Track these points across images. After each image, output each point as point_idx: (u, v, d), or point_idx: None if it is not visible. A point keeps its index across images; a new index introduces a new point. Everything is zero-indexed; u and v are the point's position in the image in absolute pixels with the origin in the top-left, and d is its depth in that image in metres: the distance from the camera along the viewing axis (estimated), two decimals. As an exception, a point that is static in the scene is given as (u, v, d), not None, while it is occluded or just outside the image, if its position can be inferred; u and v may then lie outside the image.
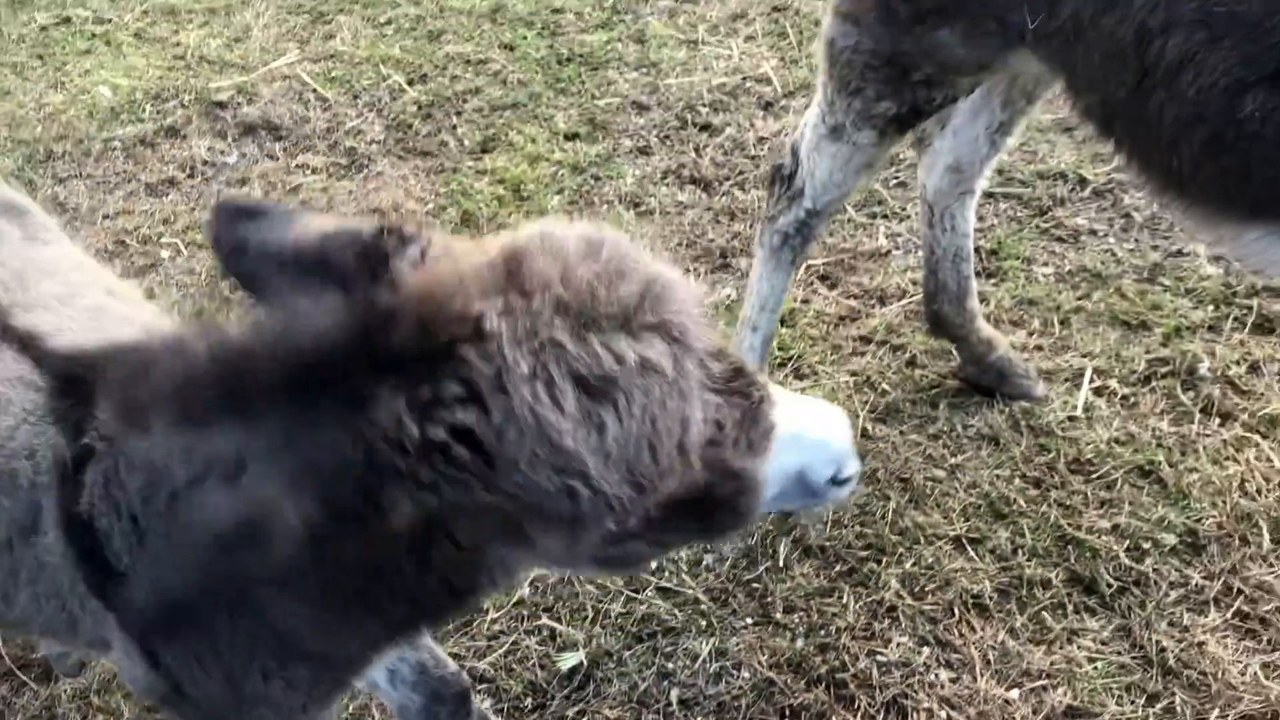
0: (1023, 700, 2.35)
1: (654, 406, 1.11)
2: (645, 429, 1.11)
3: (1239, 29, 1.84)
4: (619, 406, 1.09)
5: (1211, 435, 2.81)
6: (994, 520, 2.69)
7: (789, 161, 2.61)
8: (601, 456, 1.09)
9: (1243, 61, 1.84)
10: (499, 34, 4.58)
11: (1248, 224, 2.02)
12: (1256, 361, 2.97)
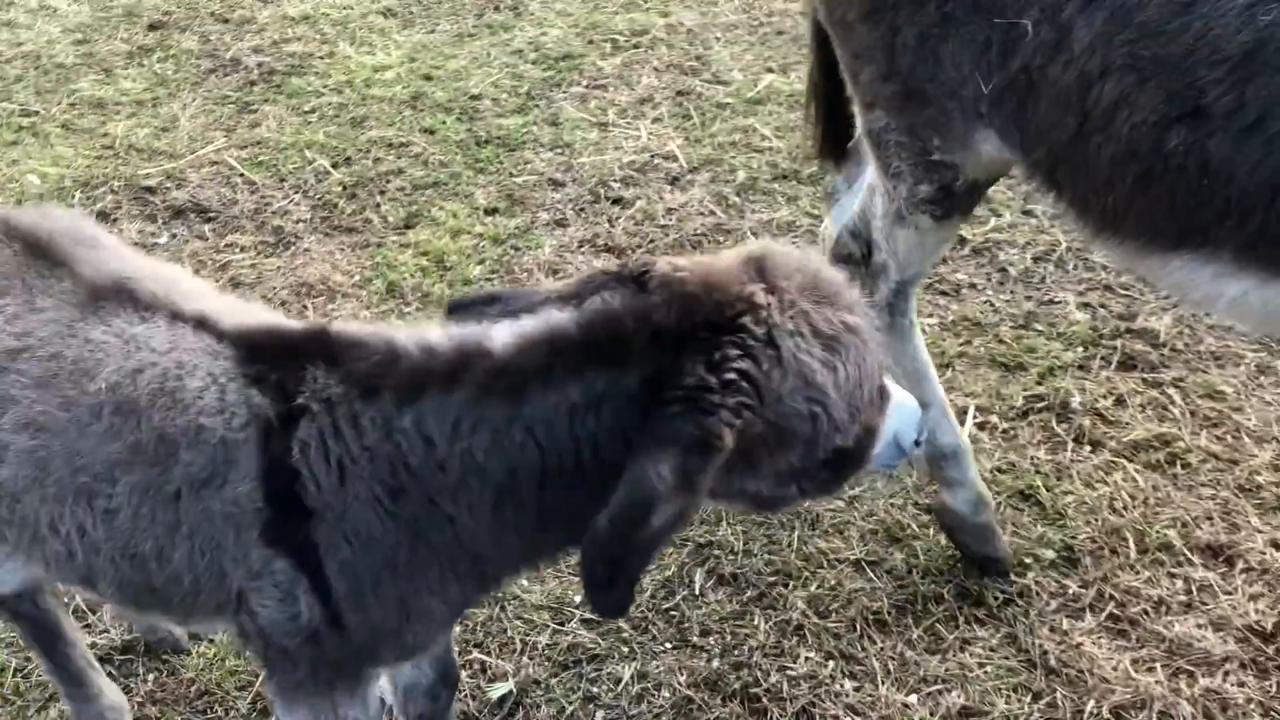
0: (920, 703, 2.55)
1: (861, 358, 1.58)
2: (857, 374, 1.57)
3: (1163, 70, 2.02)
4: (844, 356, 1.56)
5: (1083, 461, 3.09)
6: (890, 544, 2.91)
7: (855, 248, 2.71)
8: (836, 390, 1.55)
9: (1167, 99, 2.02)
10: (420, 119, 4.83)
11: (1172, 254, 2.20)
12: (1121, 395, 3.28)
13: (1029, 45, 2.11)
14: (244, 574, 1.73)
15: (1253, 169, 1.94)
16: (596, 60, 5.15)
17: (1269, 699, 2.51)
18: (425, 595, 1.75)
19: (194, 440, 1.68)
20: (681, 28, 5.35)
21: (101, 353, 1.75)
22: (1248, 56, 1.90)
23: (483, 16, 5.62)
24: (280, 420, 1.66)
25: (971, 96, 2.25)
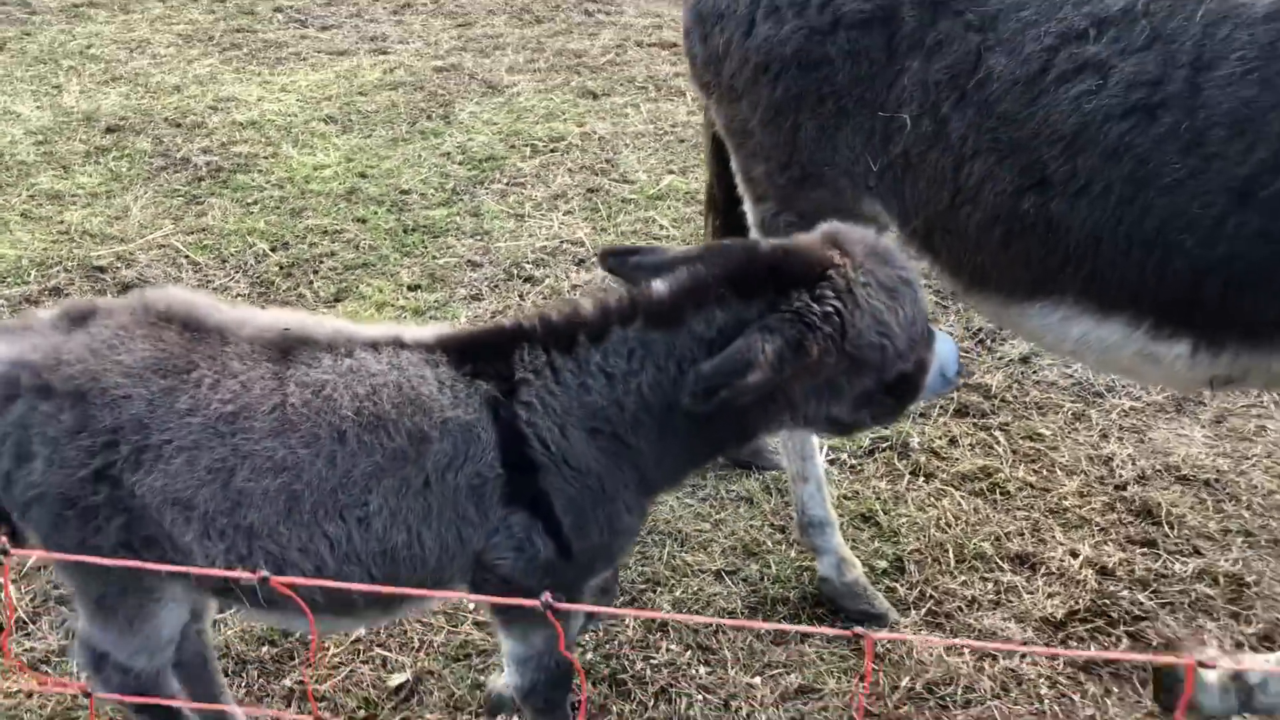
0: (764, 684, 2.94)
1: (914, 303, 2.08)
2: (912, 314, 2.07)
3: (1017, 150, 2.38)
4: (902, 301, 2.05)
5: (917, 490, 3.56)
6: (747, 557, 3.34)
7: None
8: (899, 326, 2.04)
9: (1020, 173, 2.39)
10: (353, 210, 5.33)
11: (1029, 303, 2.56)
12: (955, 436, 3.77)
13: (909, 134, 2.51)
14: (482, 536, 2.11)
15: (1082, 224, 2.34)
16: (517, 162, 5.72)
17: (1055, 674, 2.94)
18: (623, 513, 2.20)
19: (443, 431, 2.05)
20: (594, 136, 5.96)
21: (329, 389, 2.05)
22: (1076, 135, 2.29)
23: (415, 124, 6.20)
24: (505, 395, 2.08)
25: (862, 173, 2.65)
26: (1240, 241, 2.15)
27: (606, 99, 6.32)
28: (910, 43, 2.38)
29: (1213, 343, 2.29)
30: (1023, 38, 2.27)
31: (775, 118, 2.64)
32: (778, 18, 2.46)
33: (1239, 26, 2.06)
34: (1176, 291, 2.28)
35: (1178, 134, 2.16)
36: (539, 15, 7.49)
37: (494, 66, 6.77)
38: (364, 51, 7.09)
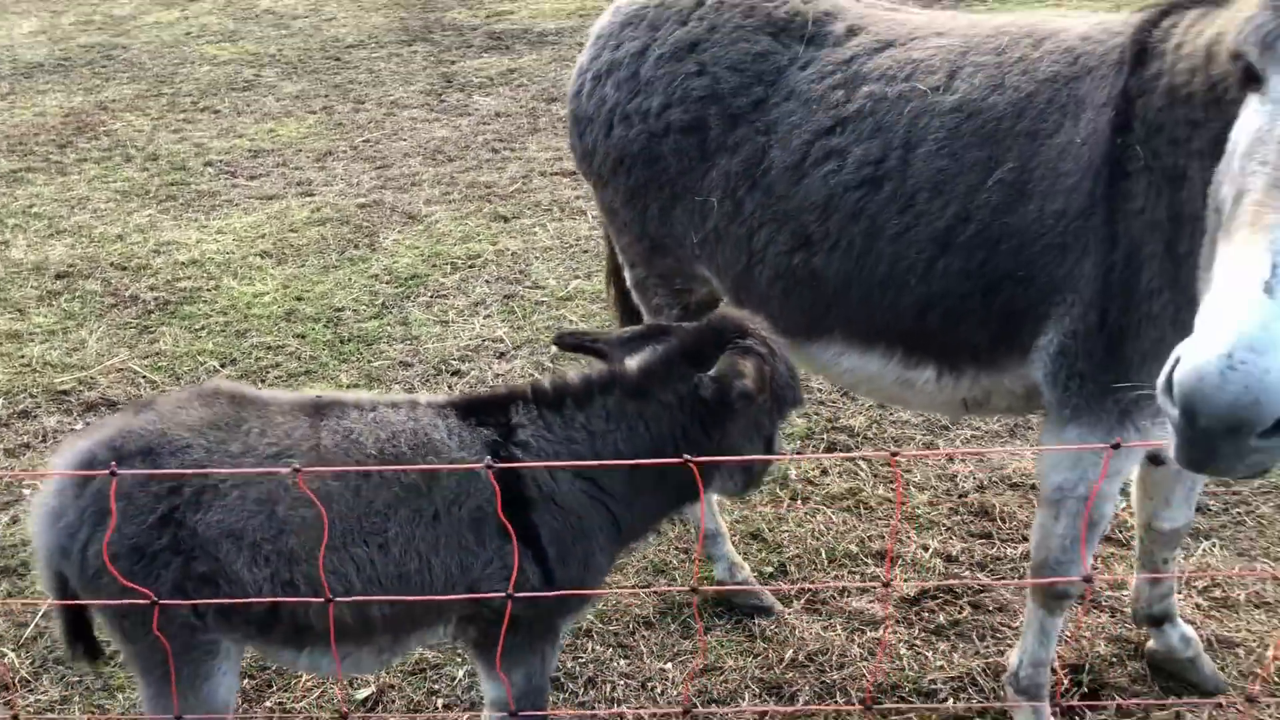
0: (674, 668, 3.52)
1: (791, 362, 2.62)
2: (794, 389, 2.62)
3: (789, 218, 2.89)
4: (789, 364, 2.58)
5: (796, 511, 4.22)
6: (657, 575, 3.94)
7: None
8: (794, 379, 2.58)
9: (791, 236, 2.91)
10: (293, 328, 5.94)
11: (811, 343, 3.05)
12: (825, 467, 4.46)
13: (717, 213, 3.12)
14: (482, 564, 2.50)
15: (836, 274, 2.91)
16: (439, 278, 6.42)
17: (912, 639, 3.57)
18: (596, 552, 2.57)
19: (448, 471, 2.49)
20: (508, 252, 6.70)
21: (358, 435, 2.45)
22: (826, 204, 2.86)
23: (344, 253, 6.87)
24: (503, 439, 2.51)
25: (691, 243, 3.27)
26: (948, 279, 2.66)
27: (516, 221, 7.09)
28: (717, 144, 3.01)
29: (953, 368, 2.81)
30: (790, 136, 2.89)
31: (631, 200, 3.26)
32: (628, 123, 3.14)
33: (933, 116, 2.70)
34: (911, 324, 2.77)
35: (896, 198, 2.72)
36: (450, 155, 8.31)
37: (412, 200, 7.52)
38: (292, 195, 7.79)
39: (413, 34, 11.68)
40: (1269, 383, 1.52)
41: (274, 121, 9.30)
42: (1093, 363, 2.50)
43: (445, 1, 12.94)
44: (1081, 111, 2.48)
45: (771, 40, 2.97)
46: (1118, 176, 2.39)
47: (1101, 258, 2.44)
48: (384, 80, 10.21)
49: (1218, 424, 1.57)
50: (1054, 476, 2.74)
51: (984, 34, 2.76)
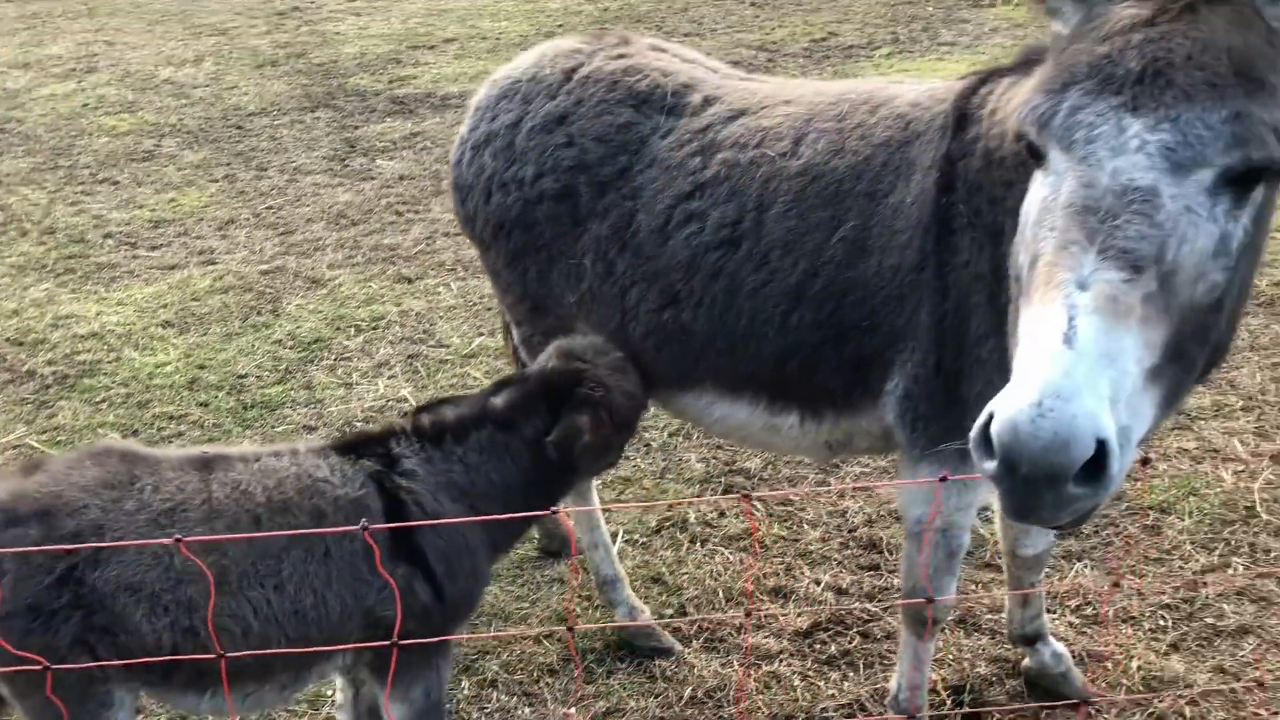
0: (578, 712, 3.61)
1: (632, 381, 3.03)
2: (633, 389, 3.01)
3: (658, 277, 3.06)
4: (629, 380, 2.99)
5: (695, 554, 4.35)
6: (559, 622, 4.03)
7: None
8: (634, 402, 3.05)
9: (660, 294, 3.07)
10: (195, 397, 5.94)
11: (683, 393, 3.23)
12: (724, 510, 4.61)
13: (590, 274, 3.27)
14: (374, 592, 2.66)
15: (702, 329, 3.06)
16: (343, 340, 6.48)
17: (805, 670, 3.71)
18: (481, 562, 2.87)
19: (336, 506, 2.66)
20: (412, 312, 6.79)
21: (246, 485, 2.62)
22: (689, 264, 3.03)
23: (247, 320, 6.89)
24: (386, 470, 2.74)
25: (569, 303, 3.41)
26: (802, 331, 2.84)
27: (420, 281, 7.19)
28: (588, 210, 3.19)
29: (814, 413, 3.00)
30: (654, 201, 3.07)
31: (512, 263, 3.42)
32: (505, 190, 3.30)
33: (782, 180, 2.90)
34: (772, 373, 2.95)
35: (752, 256, 2.90)
36: (354, 219, 8.38)
37: (316, 265, 7.57)
38: (194, 264, 7.78)
39: (315, 100, 11.75)
40: (1077, 426, 1.61)
41: (175, 191, 9.28)
42: (934, 405, 2.69)
43: (348, 68, 13.05)
44: (912, 173, 2.69)
45: (634, 112, 3.16)
46: (945, 233, 2.60)
47: (934, 308, 2.63)
48: (287, 147, 10.26)
49: (1036, 471, 1.65)
50: (912, 511, 2.93)
51: (827, 101, 2.97)
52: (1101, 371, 1.67)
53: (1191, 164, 1.77)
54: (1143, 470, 4.30)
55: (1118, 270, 1.73)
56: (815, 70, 11.21)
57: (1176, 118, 1.77)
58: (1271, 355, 5.29)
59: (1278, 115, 1.79)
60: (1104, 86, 1.84)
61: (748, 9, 14.34)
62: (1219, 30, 1.83)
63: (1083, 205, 1.79)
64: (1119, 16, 1.90)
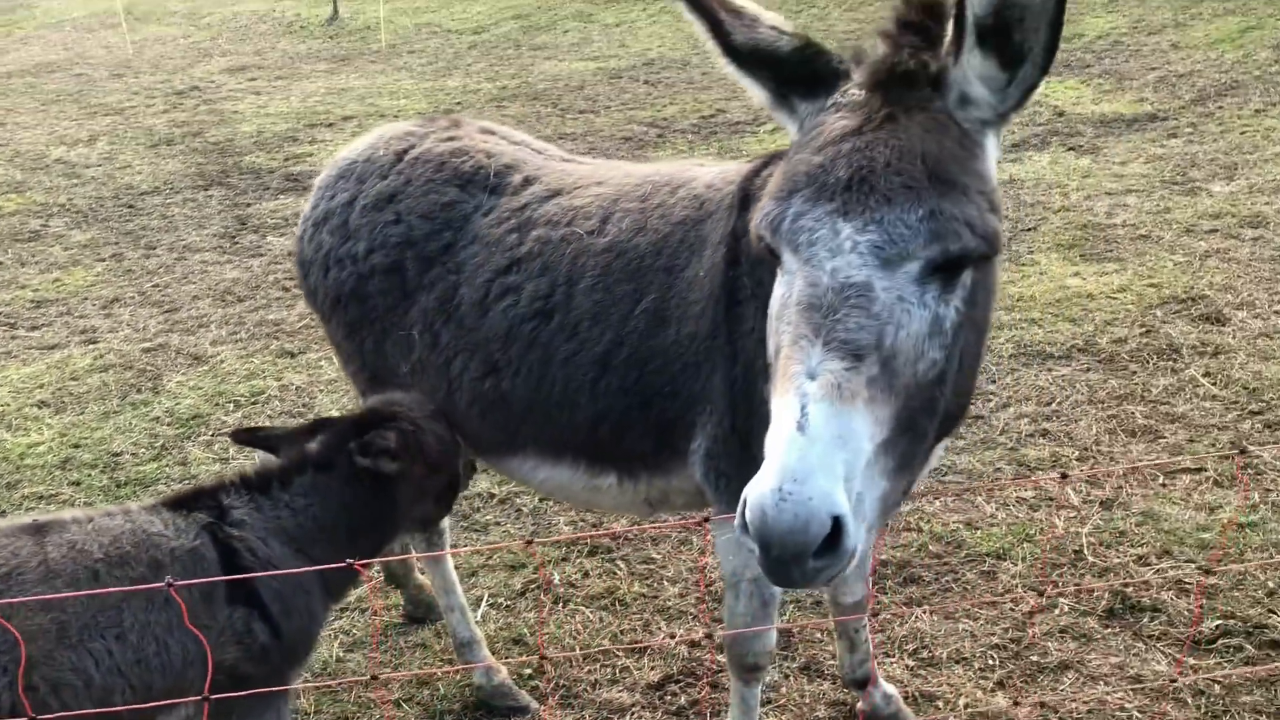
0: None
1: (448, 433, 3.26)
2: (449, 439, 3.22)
3: (478, 348, 3.18)
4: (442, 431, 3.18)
5: (557, 614, 4.46)
6: (420, 686, 4.10)
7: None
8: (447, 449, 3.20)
9: (482, 364, 3.19)
10: (68, 476, 5.90)
11: (511, 456, 3.33)
12: (587, 570, 4.74)
13: (419, 345, 3.40)
14: (216, 634, 2.73)
15: (521, 397, 3.14)
16: (221, 416, 6.50)
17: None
18: (316, 603, 2.98)
19: (173, 556, 2.74)
20: (292, 386, 6.84)
21: (82, 544, 2.69)
22: (507, 334, 3.14)
23: (126, 398, 6.87)
24: (218, 521, 2.84)
25: (403, 374, 3.52)
26: (611, 396, 2.99)
27: (303, 355, 7.24)
28: (415, 284, 3.34)
29: (630, 473, 3.13)
30: (476, 275, 3.24)
31: (350, 335, 3.55)
32: (340, 265, 3.45)
33: (590, 256, 3.08)
34: (587, 437, 3.08)
35: (564, 327, 3.04)
36: (240, 295, 8.42)
37: (199, 341, 7.59)
38: (74, 343, 7.73)
39: (209, 179, 11.79)
40: (813, 508, 1.77)
41: (60, 271, 9.22)
42: (732, 463, 2.87)
43: (244, 146, 13.12)
44: (704, 249, 2.90)
45: (459, 191, 3.35)
46: (733, 303, 2.79)
47: (726, 372, 2.82)
48: (177, 225, 10.27)
49: (784, 550, 1.80)
50: (727, 564, 3.11)
51: (634, 183, 3.18)
52: (833, 453, 1.83)
53: (898, 259, 1.97)
54: (983, 520, 4.55)
55: (840, 360, 1.90)
56: (703, 145, 11.61)
57: (880, 219, 1.96)
58: (1108, 408, 5.63)
59: (969, 210, 2.00)
60: (820, 194, 2.03)
61: (641, 87, 14.79)
62: (915, 137, 2.04)
63: (809, 302, 1.97)
64: (832, 126, 2.11)
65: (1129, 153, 9.91)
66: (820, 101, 2.23)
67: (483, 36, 20.67)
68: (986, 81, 2.10)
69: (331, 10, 23.67)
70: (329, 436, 3.11)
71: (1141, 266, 7.30)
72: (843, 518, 1.80)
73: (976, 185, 2.06)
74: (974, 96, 2.12)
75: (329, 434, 3.12)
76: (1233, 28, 13.43)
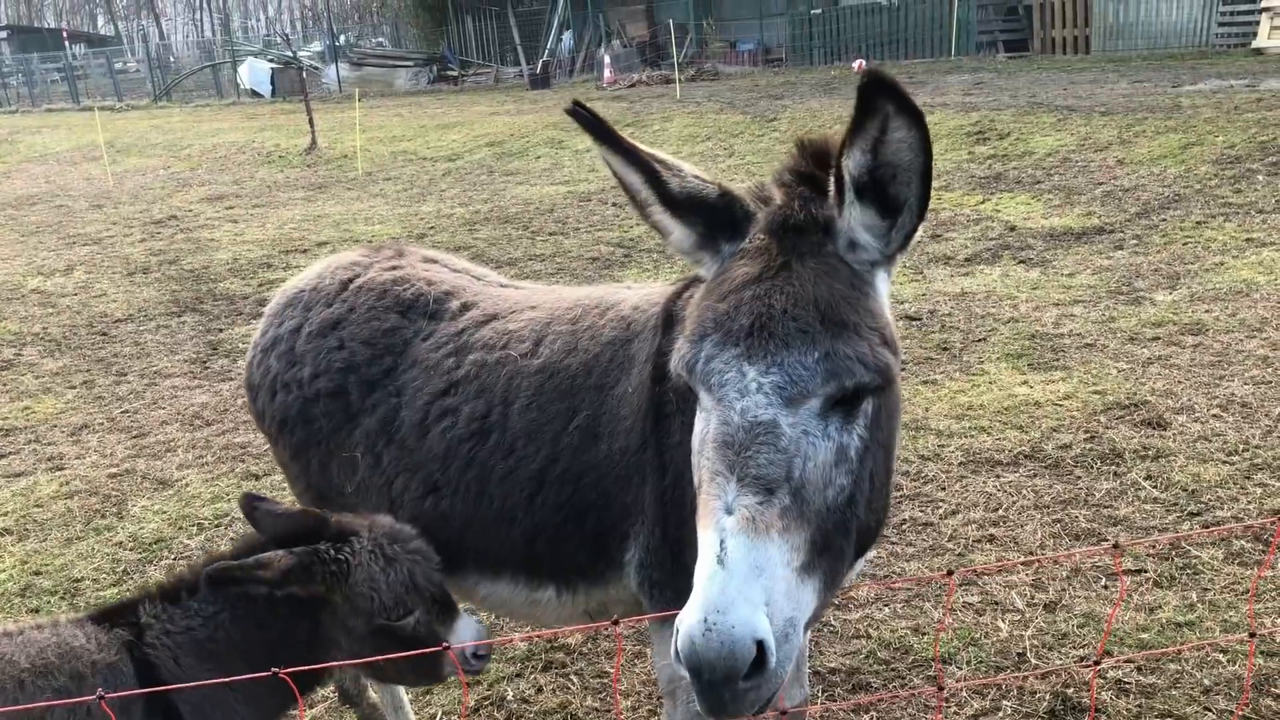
0: None
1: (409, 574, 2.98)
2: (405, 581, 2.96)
3: (419, 467, 3.25)
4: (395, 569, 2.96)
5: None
6: (369, 807, 4.09)
7: None
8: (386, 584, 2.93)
9: (422, 484, 3.27)
10: (26, 603, 5.90)
11: (453, 574, 3.24)
12: (541, 686, 4.76)
13: (362, 466, 3.51)
14: None
15: (461, 515, 3.24)
16: (184, 539, 6.54)
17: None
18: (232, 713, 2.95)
19: (94, 670, 2.80)
20: (256, 509, 6.90)
21: (11, 656, 2.77)
22: (445, 455, 3.21)
23: (90, 523, 6.91)
24: (136, 638, 2.88)
25: (348, 494, 3.59)
26: (546, 511, 3.08)
27: (268, 478, 7.32)
28: (359, 407, 3.47)
29: (568, 585, 3.19)
30: (415, 397, 3.37)
31: (296, 456, 3.66)
32: (287, 389, 3.59)
33: (524, 377, 3.22)
34: (525, 552, 3.16)
35: (500, 446, 3.14)
36: (209, 419, 8.52)
37: (165, 466, 7.66)
38: (41, 470, 7.79)
39: (183, 305, 12.01)
40: (736, 635, 1.88)
41: (30, 399, 9.32)
42: (665, 571, 2.98)
43: (219, 273, 13.39)
44: (632, 367, 3.05)
45: (399, 317, 3.52)
46: (660, 417, 2.93)
47: (656, 483, 2.95)
48: (149, 352, 10.42)
49: (715, 675, 1.87)
50: (664, 673, 3.18)
51: (565, 306, 3.36)
52: (752, 582, 1.95)
53: (800, 397, 2.11)
54: (932, 628, 4.64)
55: (753, 495, 2.03)
56: (667, 264, 11.93)
57: (781, 362, 2.12)
58: (1053, 513, 5.77)
59: (860, 348, 2.15)
60: (727, 339, 2.17)
61: (609, 209, 15.23)
62: (808, 283, 2.20)
63: (723, 439, 2.11)
64: (736, 274, 2.27)
65: (1077, 264, 10.27)
66: (738, 242, 2.38)
67: (457, 163, 21.30)
68: (869, 229, 2.27)
69: (309, 140, 24.34)
70: (240, 545, 3.10)
71: (1087, 374, 7.53)
72: (765, 641, 1.91)
73: (868, 322, 2.21)
74: (860, 242, 2.29)
75: (241, 543, 3.12)
76: (1174, 144, 14.03)
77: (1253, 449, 6.20)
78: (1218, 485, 5.82)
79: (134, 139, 29.47)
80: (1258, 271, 9.39)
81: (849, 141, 2.15)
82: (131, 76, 54.54)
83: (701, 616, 1.90)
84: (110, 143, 24.85)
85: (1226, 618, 4.69)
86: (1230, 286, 9.05)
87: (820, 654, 4.77)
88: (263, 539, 3.09)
